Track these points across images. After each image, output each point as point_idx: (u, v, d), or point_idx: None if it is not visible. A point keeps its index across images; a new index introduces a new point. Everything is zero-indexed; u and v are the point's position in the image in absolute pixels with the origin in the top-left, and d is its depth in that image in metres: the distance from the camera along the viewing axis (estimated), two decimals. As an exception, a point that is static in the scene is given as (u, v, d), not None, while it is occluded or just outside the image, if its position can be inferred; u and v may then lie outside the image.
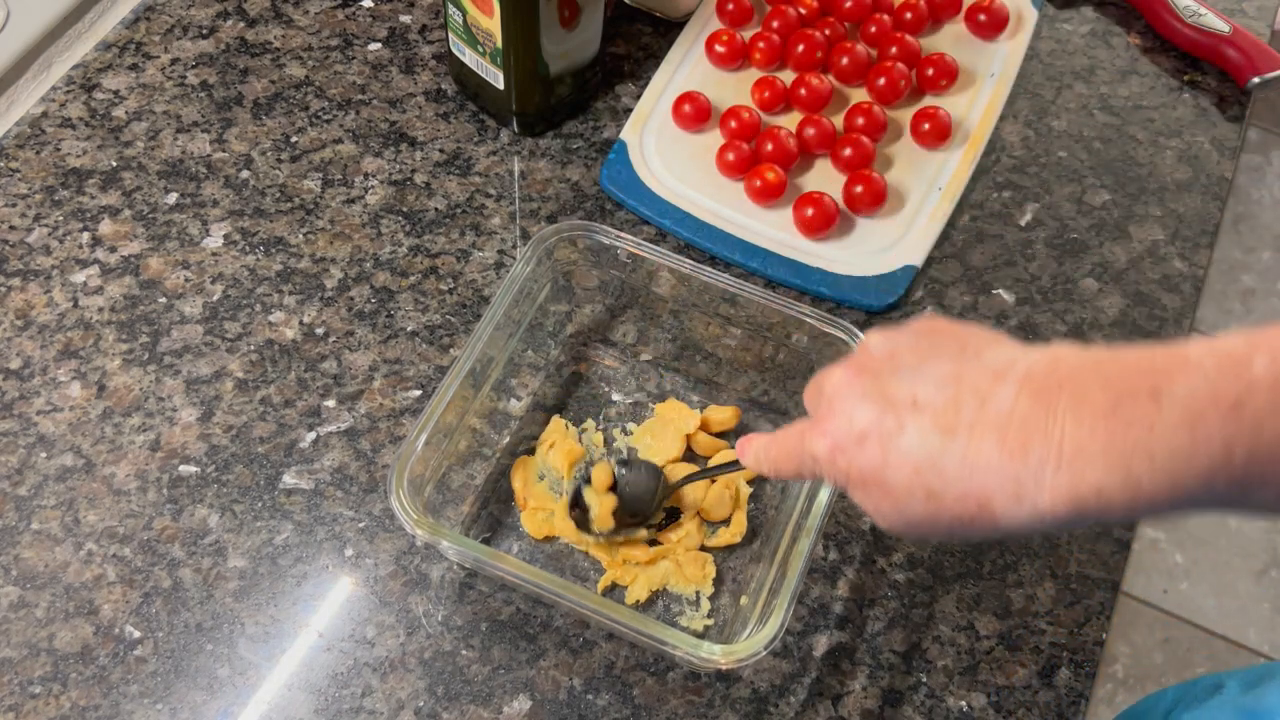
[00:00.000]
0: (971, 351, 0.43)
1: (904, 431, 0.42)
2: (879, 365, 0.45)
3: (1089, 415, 0.38)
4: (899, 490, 0.43)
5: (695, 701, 0.62)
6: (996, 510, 0.40)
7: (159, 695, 0.61)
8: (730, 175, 0.80)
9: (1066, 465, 0.38)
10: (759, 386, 0.72)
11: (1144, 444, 0.37)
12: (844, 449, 0.44)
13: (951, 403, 0.42)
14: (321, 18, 0.88)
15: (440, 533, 0.58)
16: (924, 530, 0.43)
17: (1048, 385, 0.40)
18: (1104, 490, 0.38)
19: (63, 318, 0.72)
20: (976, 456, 0.40)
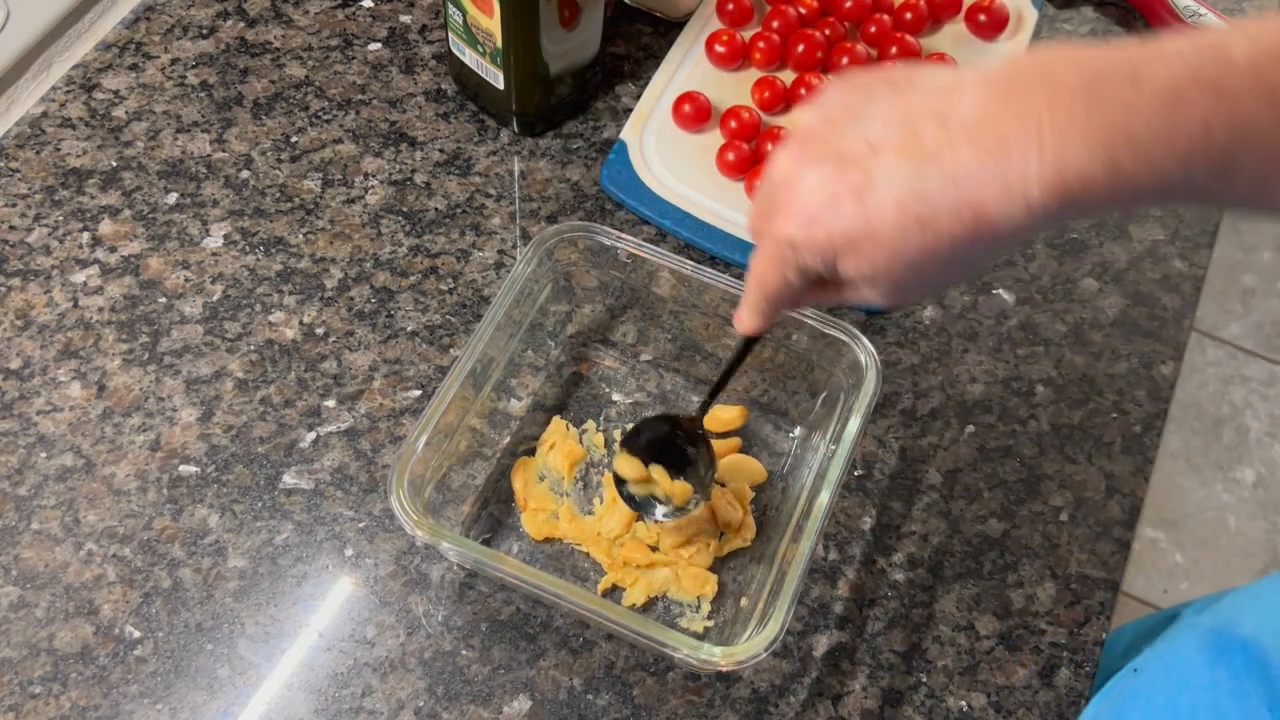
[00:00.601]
0: (905, 85, 0.42)
1: (872, 176, 0.40)
2: (818, 132, 0.43)
3: (1066, 101, 0.37)
4: (889, 233, 0.40)
5: (695, 702, 0.62)
6: (992, 213, 0.39)
7: (159, 695, 0.61)
8: (730, 175, 0.80)
9: (1050, 153, 0.37)
10: (759, 386, 0.72)
11: (1124, 125, 0.37)
12: (816, 218, 0.42)
13: (907, 130, 0.40)
14: (321, 18, 0.88)
15: (440, 533, 0.58)
16: (926, 269, 0.41)
17: (1014, 82, 0.39)
18: (1088, 175, 0.37)
19: (63, 318, 0.72)
20: (956, 168, 0.39)
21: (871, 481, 0.70)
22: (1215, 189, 0.38)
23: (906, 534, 0.68)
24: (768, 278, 0.47)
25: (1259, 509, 1.73)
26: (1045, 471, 0.71)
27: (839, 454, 0.62)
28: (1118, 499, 0.71)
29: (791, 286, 0.46)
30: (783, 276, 0.46)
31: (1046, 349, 0.76)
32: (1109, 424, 0.73)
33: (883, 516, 0.69)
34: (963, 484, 0.70)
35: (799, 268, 0.45)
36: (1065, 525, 0.69)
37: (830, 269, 0.43)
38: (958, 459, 0.71)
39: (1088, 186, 0.37)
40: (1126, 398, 0.74)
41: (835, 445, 0.63)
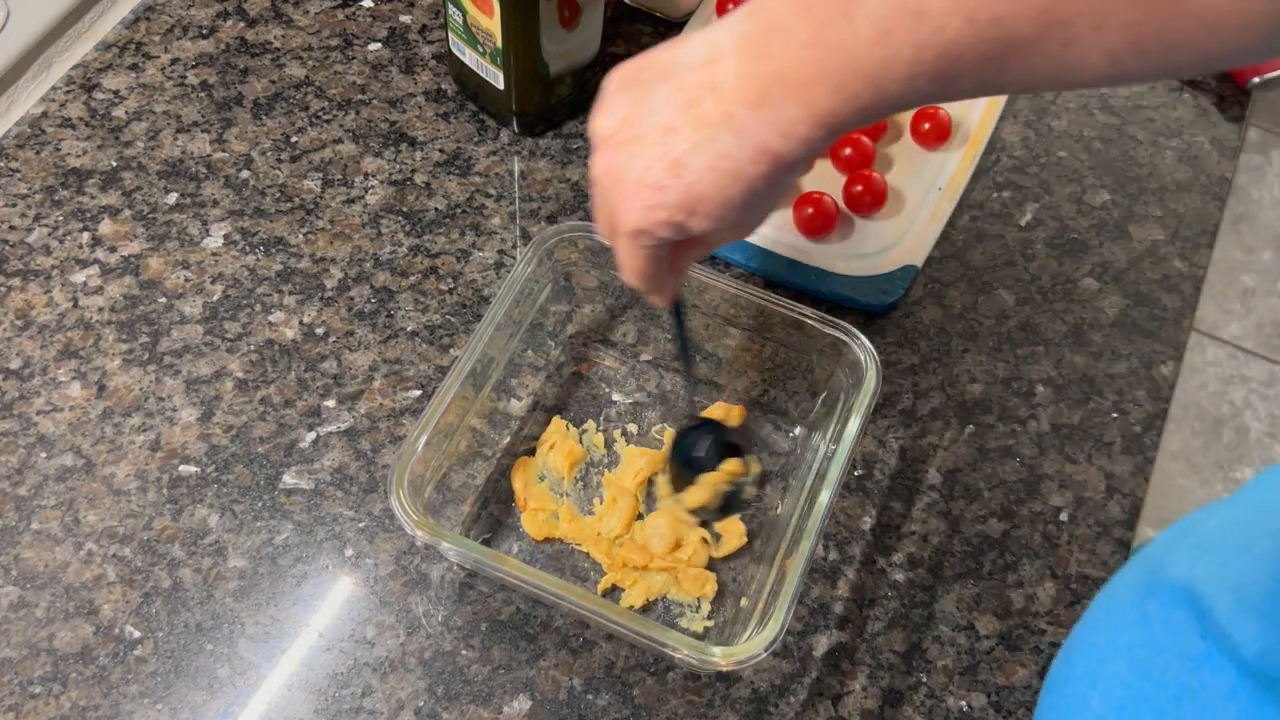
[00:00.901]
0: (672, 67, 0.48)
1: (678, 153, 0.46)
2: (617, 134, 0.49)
3: (798, 48, 0.43)
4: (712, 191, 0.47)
5: (695, 702, 0.62)
6: (779, 151, 0.45)
7: (159, 695, 0.61)
8: (730, 175, 0.80)
9: (800, 98, 0.44)
10: (759, 386, 0.72)
11: (849, 64, 0.42)
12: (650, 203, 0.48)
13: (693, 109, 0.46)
14: (321, 18, 0.88)
15: (440, 533, 0.58)
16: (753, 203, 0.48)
17: (756, 39, 0.45)
18: (836, 111, 0.43)
19: (63, 318, 0.72)
20: (739, 124, 0.45)
21: (871, 481, 0.70)
22: (944, 93, 0.43)
23: (906, 534, 0.68)
24: (638, 266, 0.53)
25: (1259, 509, 1.73)
26: (1045, 471, 0.71)
27: (839, 454, 0.62)
28: (1118, 499, 0.71)
29: (660, 262, 0.53)
30: (648, 259, 0.52)
31: (1046, 349, 0.76)
32: (1109, 424, 0.73)
33: (883, 516, 0.69)
34: (963, 484, 0.70)
35: (655, 246, 0.51)
36: (1065, 525, 0.69)
37: (682, 234, 0.50)
38: (958, 459, 0.71)
39: (838, 119, 0.44)
40: (1126, 398, 0.74)
41: (835, 445, 0.63)
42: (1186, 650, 0.46)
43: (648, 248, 0.51)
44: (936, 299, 0.78)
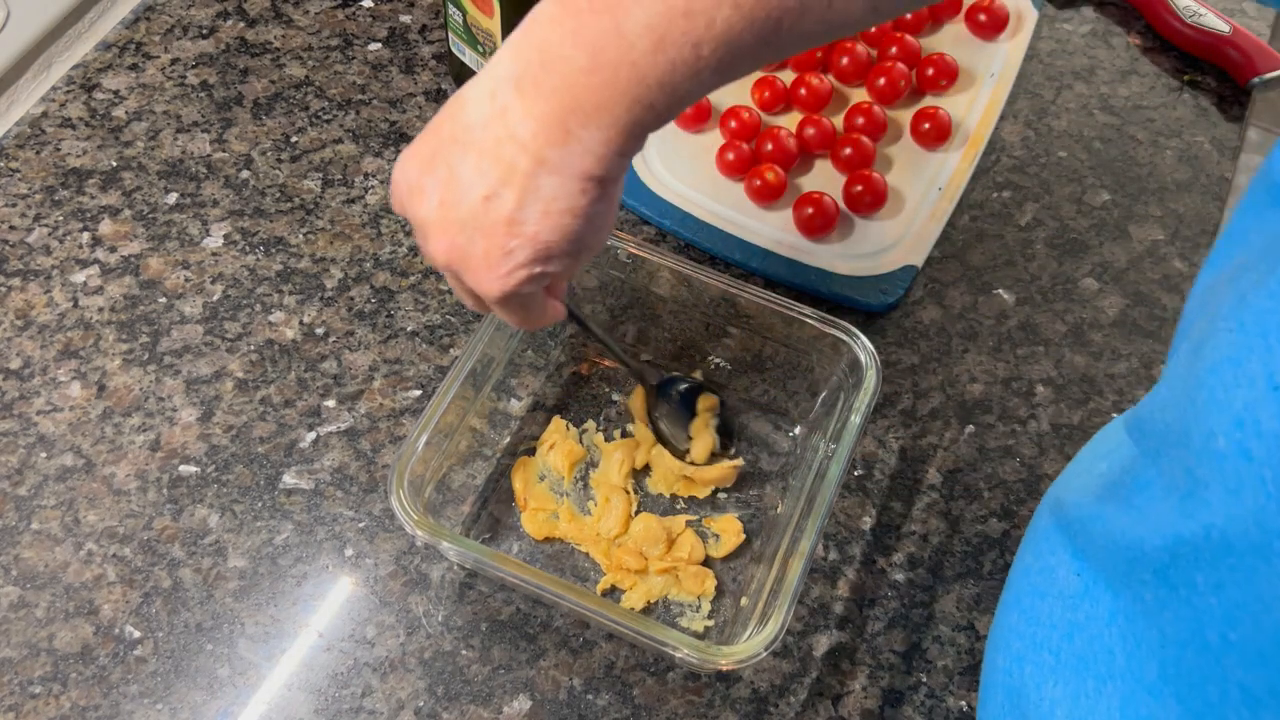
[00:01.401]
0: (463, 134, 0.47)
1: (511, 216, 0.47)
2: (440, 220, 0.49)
3: (581, 75, 0.44)
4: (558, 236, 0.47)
5: (695, 701, 0.62)
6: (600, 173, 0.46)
7: (159, 695, 0.61)
8: (730, 175, 0.80)
9: (603, 124, 0.44)
10: (759, 386, 0.72)
11: (635, 77, 0.43)
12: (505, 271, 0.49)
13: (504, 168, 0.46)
14: (321, 18, 0.88)
15: (440, 533, 0.58)
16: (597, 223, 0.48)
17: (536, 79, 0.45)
18: (639, 121, 0.45)
19: (63, 318, 0.72)
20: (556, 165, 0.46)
21: (871, 481, 0.70)
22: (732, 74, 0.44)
23: (906, 534, 0.68)
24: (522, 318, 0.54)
25: (1259, 509, 1.73)
26: (1045, 471, 0.71)
27: (839, 454, 0.62)
28: (1118, 499, 0.71)
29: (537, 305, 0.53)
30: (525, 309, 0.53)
31: (1046, 349, 0.76)
32: (1109, 424, 0.73)
33: (883, 516, 0.69)
34: (963, 484, 0.70)
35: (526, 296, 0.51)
36: (1065, 525, 0.69)
37: (545, 281, 0.50)
38: (958, 459, 0.71)
39: (644, 125, 0.45)
40: (1126, 398, 0.74)
41: (835, 445, 0.63)
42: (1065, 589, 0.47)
43: (521, 301, 0.51)
44: (936, 299, 0.78)
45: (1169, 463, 0.38)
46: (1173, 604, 0.37)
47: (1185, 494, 0.36)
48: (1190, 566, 0.36)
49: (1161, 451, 0.40)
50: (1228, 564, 0.34)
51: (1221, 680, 0.35)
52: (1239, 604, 0.34)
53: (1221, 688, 0.35)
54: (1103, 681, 0.43)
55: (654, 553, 0.65)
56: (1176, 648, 0.37)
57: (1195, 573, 0.35)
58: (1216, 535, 0.34)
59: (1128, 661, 0.41)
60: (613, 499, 0.67)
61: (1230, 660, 0.34)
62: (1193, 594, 0.36)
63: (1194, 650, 0.36)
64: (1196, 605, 0.35)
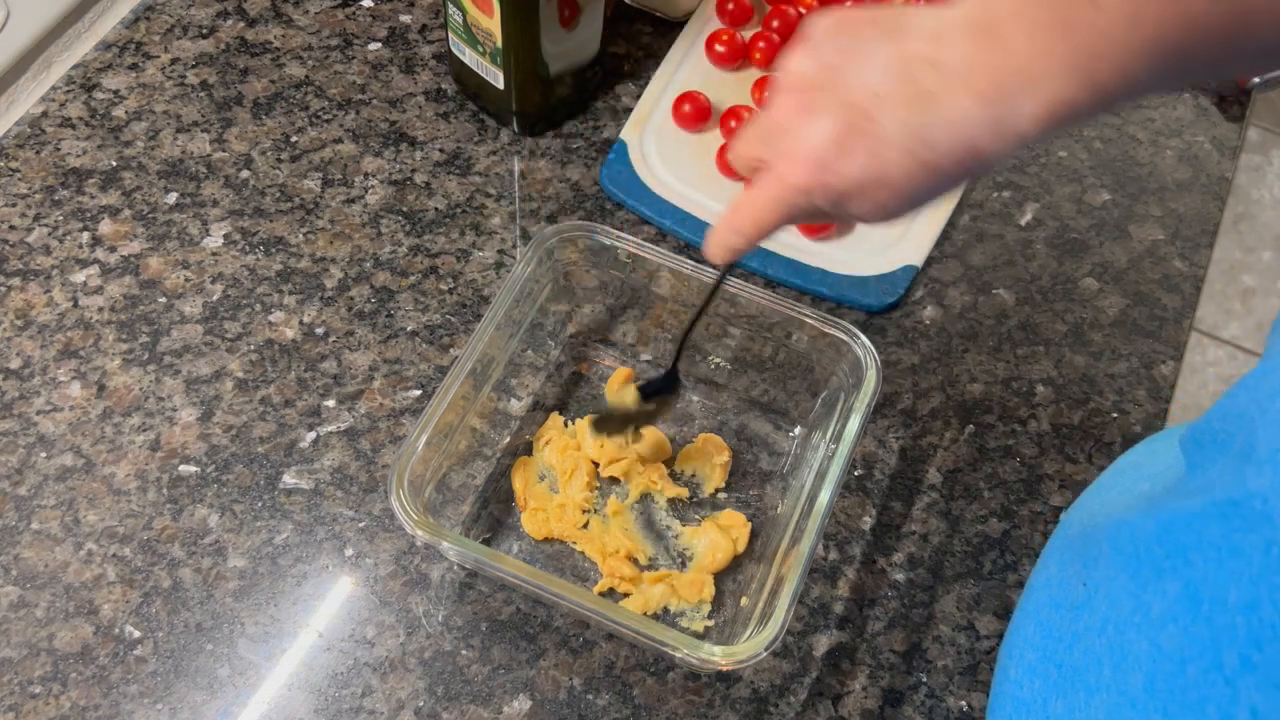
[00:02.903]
0: (892, 28, 0.44)
1: (880, 123, 0.43)
2: (816, 80, 0.45)
3: (1042, 36, 0.40)
4: (897, 177, 0.43)
5: (695, 701, 0.62)
6: (985, 151, 0.42)
7: (159, 695, 0.61)
8: (730, 175, 0.80)
9: (1039, 89, 0.41)
10: (759, 386, 0.72)
11: (1094, 47, 0.40)
12: (828, 165, 0.44)
13: (908, 81, 0.42)
14: (321, 17, 0.88)
15: (440, 533, 0.58)
16: (918, 198, 0.44)
17: (991, 24, 0.41)
18: (1075, 100, 0.41)
19: (63, 318, 0.72)
20: (954, 113, 0.42)
21: (871, 481, 0.70)
22: (1179, 78, 0.42)
23: (906, 534, 0.68)
24: (766, 217, 0.49)
25: (1259, 509, 1.73)
26: (1045, 471, 0.71)
27: (839, 454, 0.62)
28: (1118, 499, 0.71)
29: (787, 221, 0.49)
30: (785, 215, 0.48)
31: (1046, 349, 0.76)
32: (1109, 424, 0.73)
33: (883, 516, 0.69)
34: (963, 484, 0.70)
35: (805, 209, 0.47)
36: (1065, 525, 0.69)
37: (836, 211, 0.46)
38: (958, 459, 0.71)
39: (1075, 108, 0.41)
40: (1126, 398, 0.74)
41: (835, 445, 0.63)
42: (1074, 600, 0.47)
43: (795, 206, 0.47)
44: (936, 299, 0.78)
45: (1218, 470, 0.38)
46: (1173, 580, 0.37)
47: (1225, 481, 0.36)
48: (1201, 535, 0.36)
49: (1213, 458, 0.39)
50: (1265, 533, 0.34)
51: (1229, 701, 0.35)
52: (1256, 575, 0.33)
53: (1227, 709, 0.35)
54: (1091, 693, 0.43)
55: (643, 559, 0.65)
56: (1177, 663, 0.37)
57: (1208, 539, 0.35)
58: (1259, 504, 0.34)
59: (1114, 673, 0.41)
60: (579, 468, 0.67)
61: (1248, 681, 0.34)
62: (1204, 560, 0.35)
63: (1201, 668, 0.36)
64: (1207, 571, 0.35)
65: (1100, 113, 0.42)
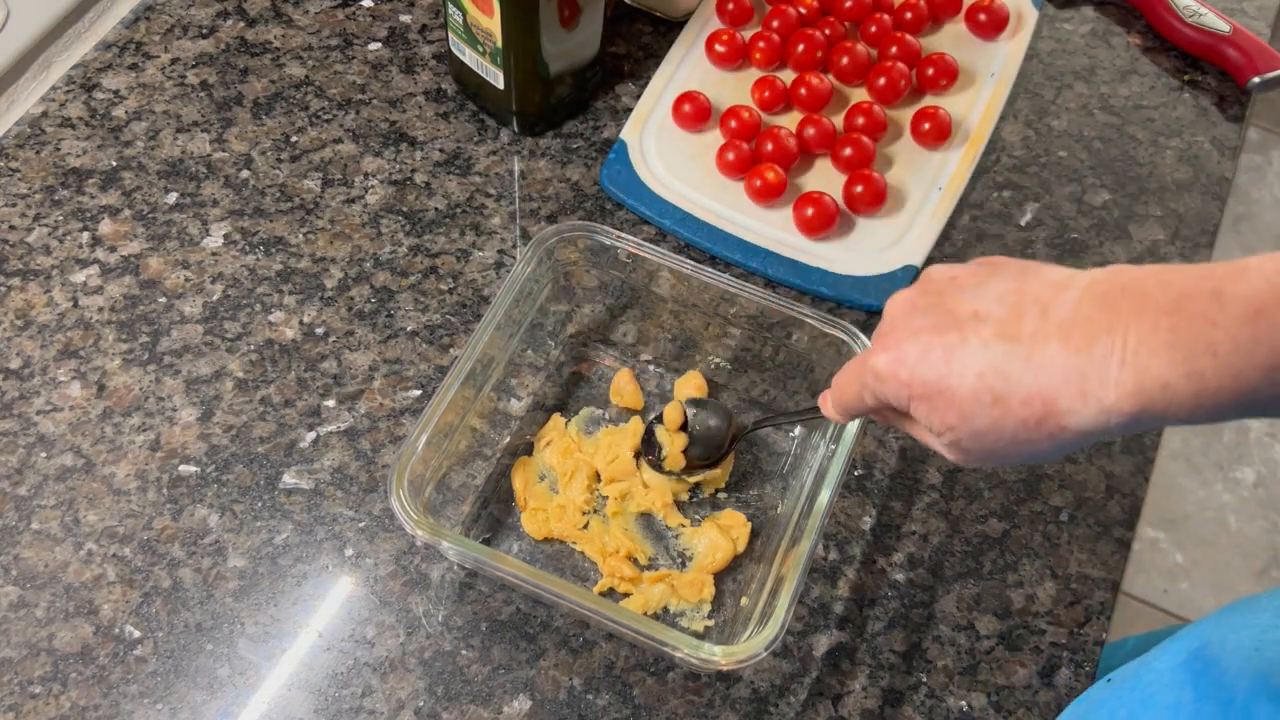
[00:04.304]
0: (1031, 272, 0.45)
1: (966, 341, 0.43)
2: (940, 287, 0.46)
3: (1152, 312, 0.39)
4: (963, 397, 0.43)
5: (695, 701, 0.62)
6: (1062, 409, 0.41)
7: (159, 695, 0.61)
8: (730, 175, 0.80)
9: (1131, 360, 0.39)
10: (759, 386, 0.72)
11: (1206, 337, 0.38)
12: (905, 361, 0.45)
13: (1014, 312, 0.43)
14: (321, 17, 0.88)
15: (440, 533, 0.58)
16: (989, 442, 0.44)
17: (1110, 290, 0.41)
18: (1169, 384, 0.39)
19: (63, 318, 0.72)
20: (1041, 356, 0.41)
21: (871, 481, 0.70)
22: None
23: (906, 534, 0.68)
24: (846, 391, 0.51)
25: (1259, 509, 1.73)
26: (1045, 471, 0.71)
27: (839, 454, 0.62)
28: (1118, 499, 0.71)
29: (864, 404, 0.50)
30: (859, 395, 0.50)
31: (1046, 349, 0.76)
32: None
33: (883, 516, 0.69)
34: (963, 484, 0.70)
35: (876, 395, 0.48)
36: (1065, 525, 0.69)
37: (904, 407, 0.47)
38: (958, 459, 0.71)
39: (1168, 393, 0.39)
40: (1126, 398, 0.74)
41: (835, 445, 0.63)
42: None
43: (867, 389, 0.48)
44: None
45: None
46: None
47: None
48: None
49: None
50: None
51: None
52: None
53: None
54: None
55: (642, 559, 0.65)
56: None
57: None
58: None
59: None
60: (580, 470, 0.67)
61: None
62: None
63: None
64: None
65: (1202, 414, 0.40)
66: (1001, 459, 0.45)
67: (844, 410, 0.53)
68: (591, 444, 0.69)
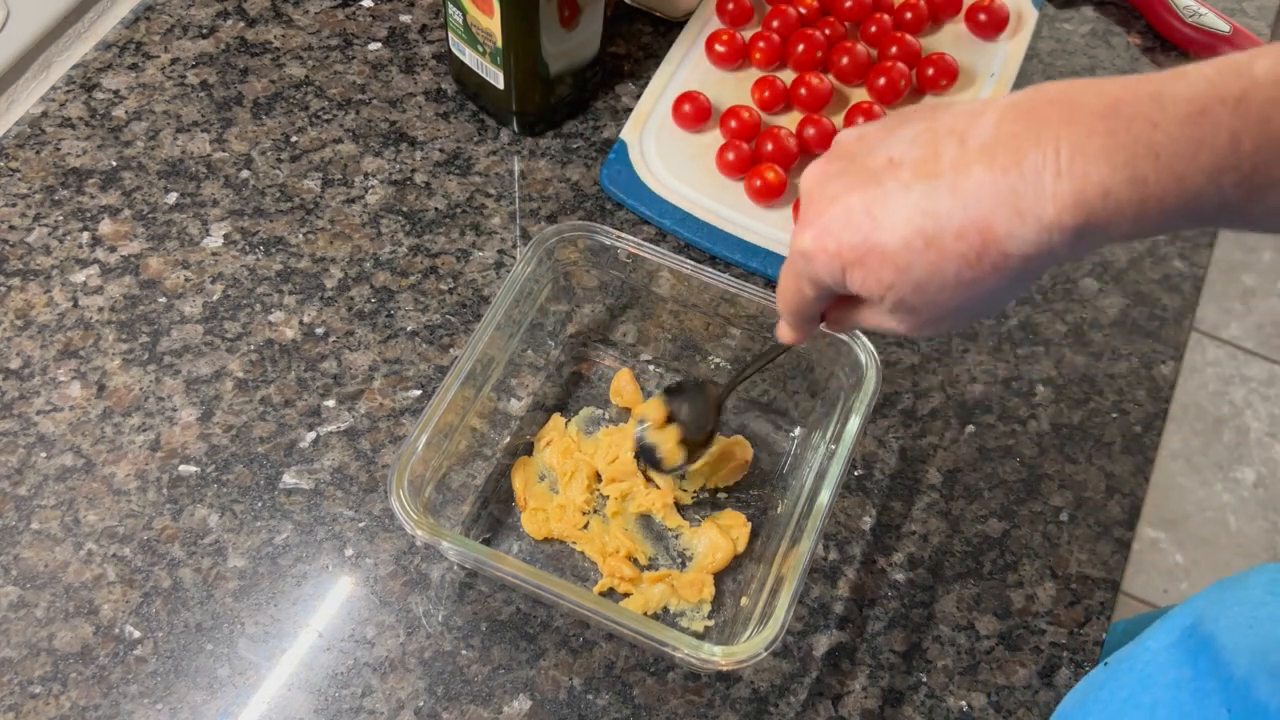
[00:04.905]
0: (942, 109, 0.42)
1: (886, 190, 0.40)
2: (850, 149, 0.44)
3: (1086, 117, 0.36)
4: (895, 248, 0.40)
5: (695, 701, 0.62)
6: (1000, 234, 0.38)
7: (159, 695, 0.61)
8: (730, 175, 0.80)
9: (1067, 169, 0.36)
10: (759, 386, 0.72)
11: (1147, 139, 0.36)
12: (829, 230, 0.42)
13: (929, 149, 0.40)
14: (321, 17, 0.88)
15: (440, 533, 0.58)
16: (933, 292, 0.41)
17: (1036, 104, 0.38)
18: (1110, 191, 0.36)
19: (63, 318, 0.72)
20: (967, 184, 0.38)
21: (871, 481, 0.70)
22: (1245, 204, 0.37)
23: (906, 534, 0.68)
24: (785, 287, 0.47)
25: (1259, 509, 1.73)
26: (1045, 471, 0.71)
27: (839, 454, 0.62)
28: (1118, 499, 0.71)
29: (806, 298, 0.46)
30: (797, 287, 0.46)
31: (1046, 349, 0.76)
32: (1109, 424, 0.73)
33: (883, 516, 0.69)
34: (963, 484, 0.70)
35: (811, 279, 0.45)
36: (1065, 525, 0.69)
37: (839, 283, 0.43)
38: (958, 459, 0.71)
39: (1110, 202, 0.36)
40: (1126, 398, 0.74)
41: (835, 445, 0.63)
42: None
43: (802, 275, 0.45)
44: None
45: None
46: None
47: None
48: None
49: None
50: None
51: None
52: None
53: None
54: None
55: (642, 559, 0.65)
56: None
57: None
58: None
59: None
60: (579, 470, 0.67)
61: None
62: None
63: None
64: None
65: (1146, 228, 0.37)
66: (953, 312, 0.42)
67: (792, 315, 0.49)
68: (591, 444, 0.69)
